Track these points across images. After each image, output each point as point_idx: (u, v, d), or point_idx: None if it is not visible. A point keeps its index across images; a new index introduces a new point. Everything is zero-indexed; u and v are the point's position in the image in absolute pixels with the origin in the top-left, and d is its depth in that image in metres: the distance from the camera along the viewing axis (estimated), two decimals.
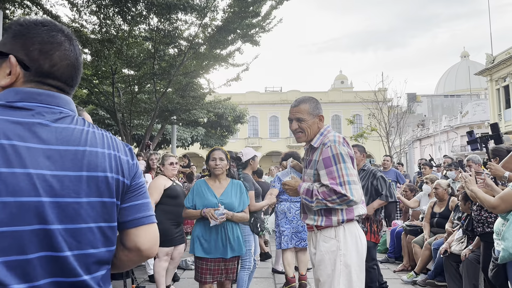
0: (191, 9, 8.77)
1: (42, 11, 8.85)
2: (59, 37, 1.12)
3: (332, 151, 2.47)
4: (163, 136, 17.27)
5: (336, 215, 2.51)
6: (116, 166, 1.10)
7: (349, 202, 2.43)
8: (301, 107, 2.62)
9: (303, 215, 2.70)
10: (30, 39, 1.07)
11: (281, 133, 49.91)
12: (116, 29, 9.56)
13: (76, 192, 1.01)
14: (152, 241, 1.16)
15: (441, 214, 5.80)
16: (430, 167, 8.62)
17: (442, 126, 41.12)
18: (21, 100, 1.02)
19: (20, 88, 1.05)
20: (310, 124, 2.60)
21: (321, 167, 2.49)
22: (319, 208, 2.49)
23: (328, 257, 2.49)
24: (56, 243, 0.97)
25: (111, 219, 1.08)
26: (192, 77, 12.15)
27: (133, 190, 1.15)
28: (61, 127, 1.05)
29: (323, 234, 2.54)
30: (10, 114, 0.99)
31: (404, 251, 6.37)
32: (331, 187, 2.41)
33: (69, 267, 0.99)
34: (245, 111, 21.81)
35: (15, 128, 0.97)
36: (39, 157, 0.98)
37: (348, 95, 46.50)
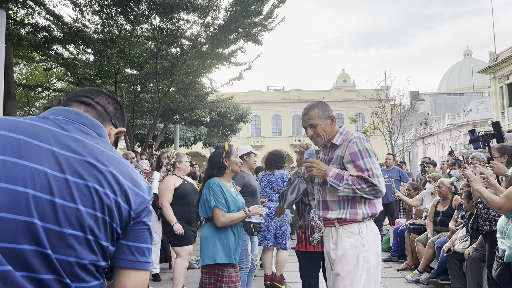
0: (194, 8, 8.77)
1: (44, 11, 8.87)
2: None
3: (358, 146, 2.56)
4: (166, 135, 17.30)
5: (361, 207, 2.57)
6: (124, 192, 1.10)
7: (377, 193, 2.51)
8: (311, 113, 2.69)
9: (322, 211, 2.69)
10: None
11: (284, 132, 49.89)
12: (119, 29, 9.57)
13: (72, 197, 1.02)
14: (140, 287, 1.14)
15: (445, 213, 5.79)
16: (433, 165, 8.59)
17: (445, 125, 40.99)
18: (54, 115, 1.16)
19: (53, 108, 1.21)
20: (323, 127, 2.68)
21: (348, 161, 2.57)
22: (345, 194, 2.51)
23: (351, 252, 2.53)
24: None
25: (102, 237, 1.06)
26: (194, 76, 12.16)
27: (138, 228, 1.14)
28: (81, 139, 1.11)
29: (347, 229, 2.58)
30: (36, 120, 1.11)
31: (407, 250, 6.36)
32: (363, 176, 2.48)
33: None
34: (248, 110, 21.81)
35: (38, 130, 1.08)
36: (47, 156, 1.03)
37: (351, 94, 46.43)
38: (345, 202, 2.59)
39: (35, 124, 1.08)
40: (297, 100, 49.60)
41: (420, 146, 43.71)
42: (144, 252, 1.15)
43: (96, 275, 1.07)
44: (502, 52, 29.46)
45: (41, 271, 0.97)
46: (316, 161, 2.66)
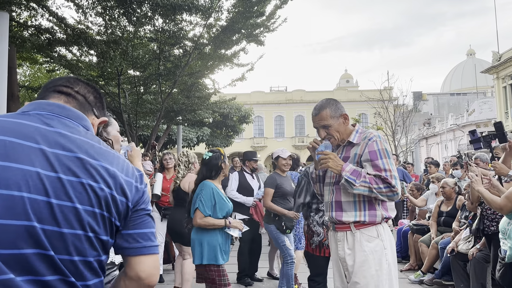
0: (196, 9, 8.77)
1: (48, 13, 8.89)
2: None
3: (378, 146, 2.46)
4: (169, 136, 17.32)
5: (379, 209, 2.47)
6: (119, 185, 1.10)
7: (394, 195, 2.41)
8: (323, 114, 2.56)
9: (336, 212, 2.55)
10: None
11: (287, 132, 49.86)
12: (122, 31, 9.59)
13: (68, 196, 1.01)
14: (153, 271, 1.17)
15: (448, 213, 5.78)
16: (436, 165, 8.57)
17: (448, 125, 40.85)
18: (35, 109, 1.11)
19: (33, 102, 1.16)
20: (336, 127, 2.56)
21: (366, 160, 2.46)
22: (360, 192, 2.38)
23: (372, 257, 2.41)
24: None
25: (102, 232, 1.07)
26: (197, 77, 12.17)
27: (138, 216, 1.15)
28: (69, 135, 1.08)
29: (365, 233, 2.46)
30: (18, 117, 1.06)
31: (411, 251, 6.35)
32: (382, 176, 2.38)
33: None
34: (250, 111, 21.79)
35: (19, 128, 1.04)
36: (37, 156, 1.00)
37: (354, 94, 46.39)
38: (361, 203, 2.47)
39: (19, 122, 1.04)
40: (299, 100, 49.58)
41: (423, 147, 43.57)
42: (149, 237, 1.16)
43: (99, 272, 1.08)
44: (506, 52, 29.35)
45: (45, 273, 0.96)
46: (333, 153, 2.50)
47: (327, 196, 2.66)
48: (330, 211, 2.59)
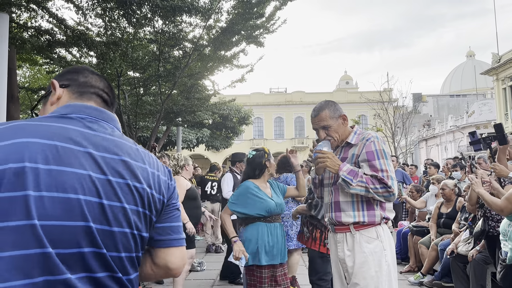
0: (196, 11, 8.77)
1: (48, 15, 8.89)
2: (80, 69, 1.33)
3: (375, 146, 2.48)
4: (168, 138, 17.32)
5: (377, 209, 2.48)
6: (157, 184, 1.18)
7: (390, 195, 2.41)
8: (322, 114, 2.58)
9: (335, 213, 2.55)
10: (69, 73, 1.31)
11: (286, 134, 49.91)
12: (121, 32, 9.58)
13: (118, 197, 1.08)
14: (182, 262, 1.26)
15: (448, 215, 5.78)
16: (435, 167, 8.58)
17: (448, 126, 40.90)
18: (73, 112, 1.15)
19: (71, 103, 1.19)
20: (336, 128, 2.58)
21: (363, 160, 2.47)
22: (357, 192, 2.39)
23: (372, 259, 2.42)
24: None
25: (144, 229, 1.15)
26: (197, 78, 12.17)
27: (169, 211, 1.23)
28: (111, 138, 1.14)
29: (365, 234, 2.47)
30: (61, 122, 1.10)
31: (411, 252, 6.35)
32: (378, 176, 2.39)
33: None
34: (250, 112, 21.79)
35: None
36: (86, 159, 1.06)
37: (353, 96, 46.44)
38: (360, 204, 2.48)
39: (64, 127, 1.08)
40: (299, 102, 49.63)
41: (423, 148, 43.61)
42: (179, 230, 1.25)
43: (137, 266, 1.16)
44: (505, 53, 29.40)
45: (97, 270, 1.04)
46: (331, 153, 2.50)
47: (326, 198, 2.66)
48: (330, 212, 2.59)
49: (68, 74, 1.29)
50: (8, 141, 0.99)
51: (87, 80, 1.27)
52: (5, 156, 0.97)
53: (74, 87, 1.24)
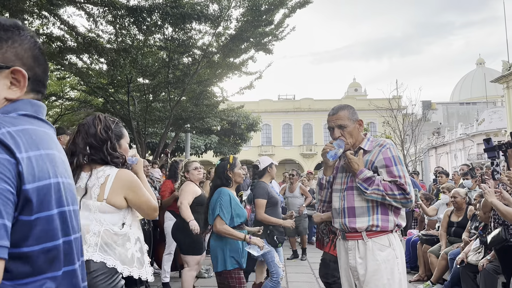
0: (205, 18, 8.86)
1: (59, 22, 9.03)
2: (35, 40, 1.06)
3: (391, 152, 2.50)
4: (177, 144, 17.39)
5: (391, 214, 2.48)
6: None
7: (407, 202, 2.42)
8: (341, 113, 2.59)
9: (348, 219, 2.53)
10: (21, 46, 1.00)
11: (295, 141, 49.82)
12: (132, 39, 9.69)
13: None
14: None
15: (459, 224, 5.71)
16: (446, 175, 8.50)
17: (458, 134, 40.58)
18: (37, 112, 1.02)
19: (32, 100, 1.02)
20: (351, 130, 2.58)
21: (381, 166, 2.48)
22: (372, 198, 2.42)
23: (384, 267, 2.41)
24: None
25: None
26: (205, 85, 12.24)
27: None
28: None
29: (377, 242, 2.46)
30: (41, 125, 1.01)
31: (420, 261, 6.27)
32: (399, 182, 2.40)
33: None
34: (258, 119, 21.83)
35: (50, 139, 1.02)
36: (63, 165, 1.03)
37: (362, 103, 46.24)
38: (375, 208, 2.48)
39: (50, 134, 1.02)
40: (307, 109, 49.57)
41: (432, 156, 43.27)
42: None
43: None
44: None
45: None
46: (356, 158, 2.51)
47: (337, 203, 2.63)
48: (342, 218, 2.57)
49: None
50: (38, 152, 0.92)
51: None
52: (45, 169, 0.93)
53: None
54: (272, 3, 9.28)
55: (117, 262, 2.01)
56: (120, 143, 2.18)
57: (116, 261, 2.01)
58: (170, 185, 5.73)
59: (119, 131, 2.21)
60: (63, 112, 16.86)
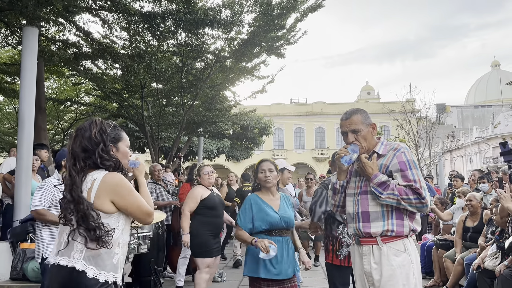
0: (218, 24, 8.91)
1: (75, 28, 9.17)
2: None
3: (406, 156, 2.48)
4: (190, 148, 17.49)
5: (406, 219, 2.46)
6: None
7: (423, 206, 2.39)
8: (354, 118, 2.57)
9: (363, 224, 2.51)
10: None
11: (307, 144, 49.70)
12: (146, 45, 9.80)
13: None
14: None
15: (475, 228, 5.63)
16: (461, 179, 8.39)
17: (473, 137, 40.03)
18: None
19: None
20: (365, 134, 2.56)
21: (396, 170, 2.46)
22: (387, 203, 2.40)
23: (399, 272, 2.39)
24: None
25: None
26: (218, 90, 12.30)
27: None
28: None
29: (392, 247, 2.44)
30: None
31: (435, 266, 6.20)
32: (414, 186, 2.38)
33: None
34: (270, 123, 21.83)
35: None
36: None
37: (375, 106, 45.97)
38: (390, 213, 2.46)
39: None
40: (320, 112, 49.44)
41: (447, 160, 42.73)
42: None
43: None
44: None
45: None
46: (370, 162, 2.49)
47: (351, 208, 2.61)
48: (356, 223, 2.55)
49: None
50: None
51: None
52: None
53: None
54: (284, 7, 9.30)
55: (101, 272, 1.96)
56: (117, 146, 2.14)
57: (100, 272, 1.96)
58: (189, 189, 5.79)
59: (116, 134, 2.16)
60: (78, 117, 17.11)
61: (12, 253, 4.75)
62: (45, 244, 3.46)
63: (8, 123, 19.25)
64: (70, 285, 1.93)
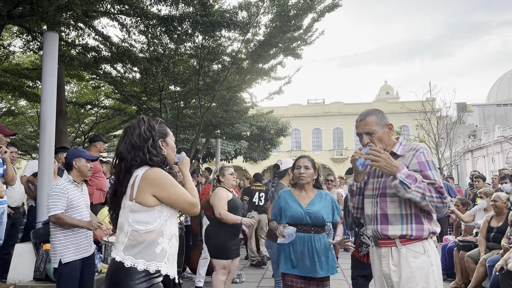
0: (235, 25, 8.94)
1: (94, 32, 9.33)
2: None
3: (426, 157, 2.43)
4: (207, 149, 17.59)
5: (425, 223, 2.41)
6: None
7: (443, 207, 2.34)
8: (368, 119, 2.53)
9: (381, 226, 2.47)
10: None
11: (325, 145, 49.42)
12: (163, 48, 9.90)
13: None
14: None
15: (499, 229, 5.51)
16: (483, 179, 8.23)
17: (495, 137, 39.13)
18: None
19: None
20: (380, 135, 2.51)
21: (416, 170, 2.40)
22: (411, 197, 2.29)
23: (419, 274, 2.35)
24: None
25: None
26: (235, 91, 12.35)
27: None
28: None
29: (412, 249, 2.39)
30: None
31: (457, 268, 6.08)
32: (438, 185, 2.33)
33: None
34: (288, 124, 21.78)
35: None
36: None
37: (394, 106, 45.40)
38: (408, 217, 2.40)
39: None
40: (337, 113, 49.12)
41: (468, 160, 41.90)
42: None
43: None
44: None
45: None
46: (386, 153, 2.38)
47: (369, 209, 2.57)
48: (375, 225, 2.51)
49: None
50: None
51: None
52: None
53: None
54: (300, 8, 9.27)
55: (139, 261, 2.04)
56: (166, 141, 2.26)
57: (137, 260, 2.04)
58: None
59: (163, 129, 2.29)
60: (98, 120, 17.38)
61: (36, 254, 4.85)
62: (63, 249, 3.37)
63: (31, 126, 19.68)
64: (114, 275, 2.06)
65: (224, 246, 4.43)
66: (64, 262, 3.33)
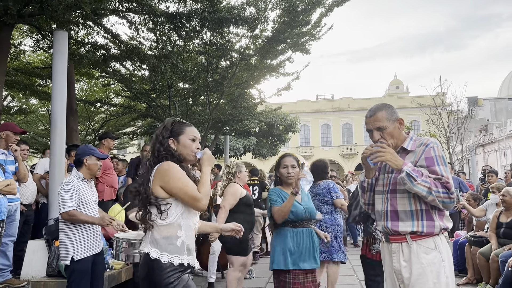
0: (242, 22, 8.92)
1: (103, 31, 9.39)
2: None
3: (435, 152, 2.40)
4: (216, 146, 17.63)
5: (436, 219, 2.38)
6: None
7: (450, 202, 2.31)
8: (378, 115, 2.49)
9: (391, 222, 2.46)
10: None
11: (334, 141, 49.22)
12: (172, 45, 9.92)
13: None
14: None
15: (508, 224, 5.46)
16: (496, 174, 8.13)
17: (507, 131, 38.62)
18: None
19: None
20: (391, 131, 2.48)
21: (422, 166, 2.38)
22: (417, 190, 2.27)
23: (430, 270, 2.33)
24: None
25: None
26: (243, 88, 12.35)
27: None
28: None
29: (423, 245, 2.37)
30: None
31: (469, 264, 6.03)
32: (444, 180, 2.31)
33: None
34: (296, 119, 21.73)
35: None
36: None
37: (404, 101, 45.01)
38: (419, 213, 2.38)
39: None
40: (347, 108, 48.86)
41: (480, 154, 41.46)
42: None
43: None
44: None
45: None
46: (391, 149, 2.39)
47: (379, 205, 2.56)
48: (385, 221, 2.49)
49: None
50: None
51: None
52: None
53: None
54: (309, 2, 9.21)
55: (163, 254, 2.15)
56: (178, 139, 2.33)
57: (161, 253, 2.15)
58: None
59: (178, 128, 2.37)
60: (108, 117, 17.51)
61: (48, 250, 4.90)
62: (74, 245, 3.37)
63: (42, 124, 19.91)
64: (144, 268, 2.19)
65: (244, 243, 4.43)
66: (76, 259, 3.35)
